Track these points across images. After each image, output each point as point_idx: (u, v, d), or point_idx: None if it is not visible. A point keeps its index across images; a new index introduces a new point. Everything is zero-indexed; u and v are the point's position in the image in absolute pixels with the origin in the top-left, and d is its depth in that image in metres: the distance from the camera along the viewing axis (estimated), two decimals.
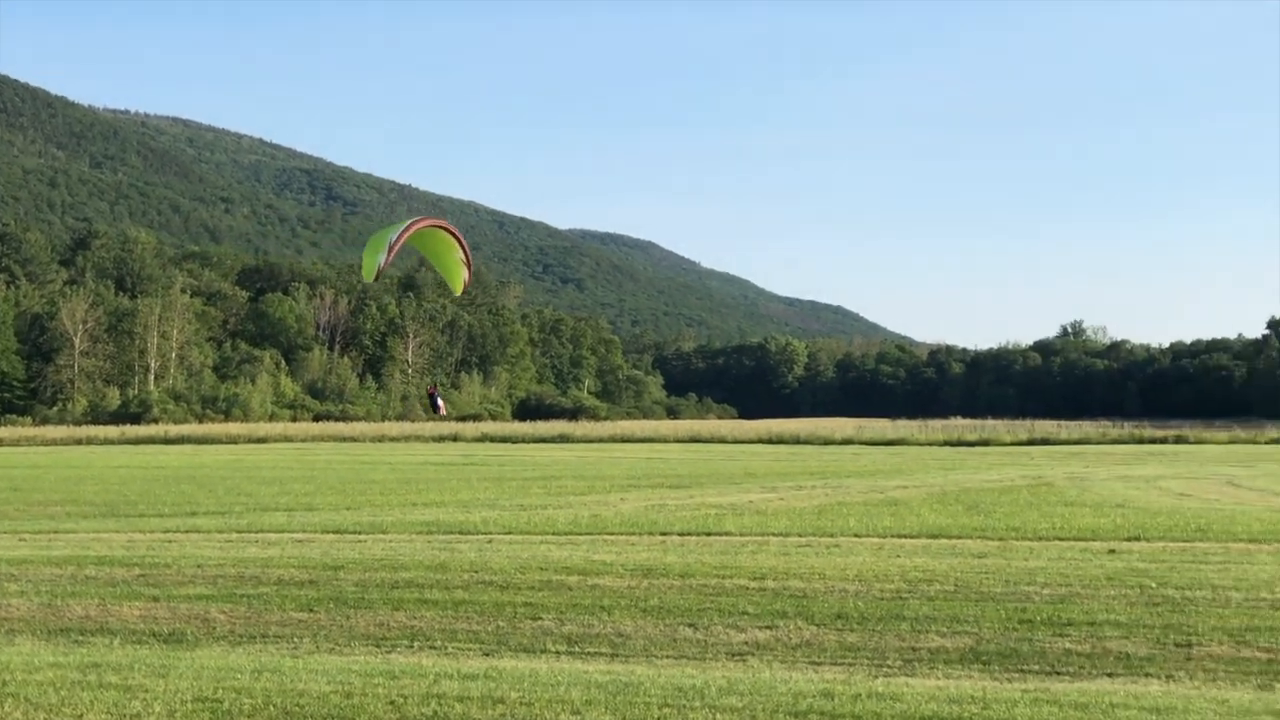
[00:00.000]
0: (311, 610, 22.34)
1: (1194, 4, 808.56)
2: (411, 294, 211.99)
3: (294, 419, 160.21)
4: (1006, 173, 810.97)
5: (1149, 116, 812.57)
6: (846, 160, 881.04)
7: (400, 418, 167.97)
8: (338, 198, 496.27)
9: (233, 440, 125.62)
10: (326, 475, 66.01)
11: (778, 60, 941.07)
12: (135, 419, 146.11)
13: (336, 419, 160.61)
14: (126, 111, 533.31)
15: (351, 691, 15.50)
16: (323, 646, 19.56)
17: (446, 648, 19.34)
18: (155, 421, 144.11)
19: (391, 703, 15.00)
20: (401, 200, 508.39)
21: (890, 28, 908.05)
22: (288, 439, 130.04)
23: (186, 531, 35.86)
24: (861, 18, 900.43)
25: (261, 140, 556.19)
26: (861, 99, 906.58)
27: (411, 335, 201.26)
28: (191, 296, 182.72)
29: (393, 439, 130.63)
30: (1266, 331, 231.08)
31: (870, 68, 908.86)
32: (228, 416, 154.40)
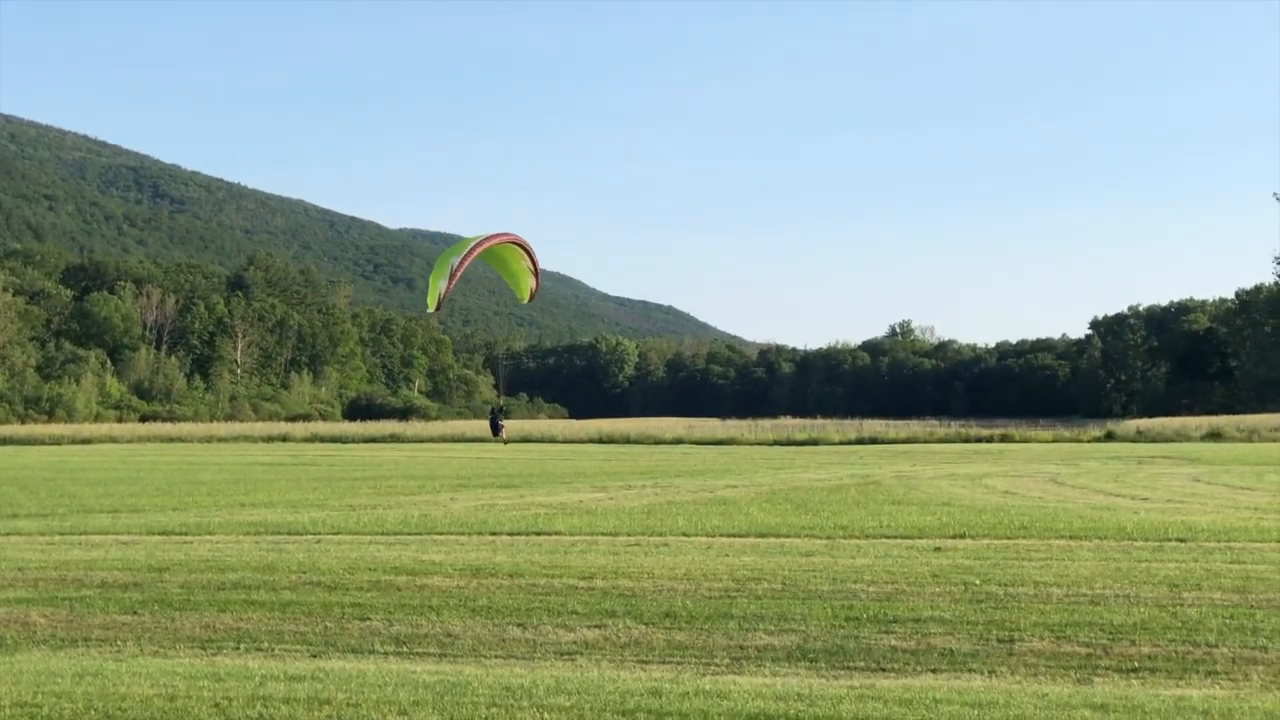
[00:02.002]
0: (135, 613, 22.04)
1: (1006, 5, 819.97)
2: (240, 293, 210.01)
3: (120, 419, 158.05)
4: (833, 173, 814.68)
5: (970, 117, 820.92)
6: (675, 159, 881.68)
7: (229, 418, 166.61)
8: (165, 195, 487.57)
9: (56, 441, 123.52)
10: (153, 476, 65.06)
11: (603, 60, 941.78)
12: None
13: (164, 419, 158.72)
14: None
15: (175, 694, 15.35)
16: (146, 649, 19.31)
17: (273, 649, 19.19)
18: None
19: (216, 705, 14.87)
20: (230, 198, 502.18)
21: (713, 28, 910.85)
22: (113, 440, 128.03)
23: (7, 534, 35.19)
24: (683, 18, 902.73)
25: (86, 137, 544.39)
26: (690, 98, 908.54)
27: (240, 335, 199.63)
28: (14, 295, 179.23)
29: (221, 439, 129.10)
30: (1089, 332, 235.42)
31: (694, 68, 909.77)
32: (51, 417, 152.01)
